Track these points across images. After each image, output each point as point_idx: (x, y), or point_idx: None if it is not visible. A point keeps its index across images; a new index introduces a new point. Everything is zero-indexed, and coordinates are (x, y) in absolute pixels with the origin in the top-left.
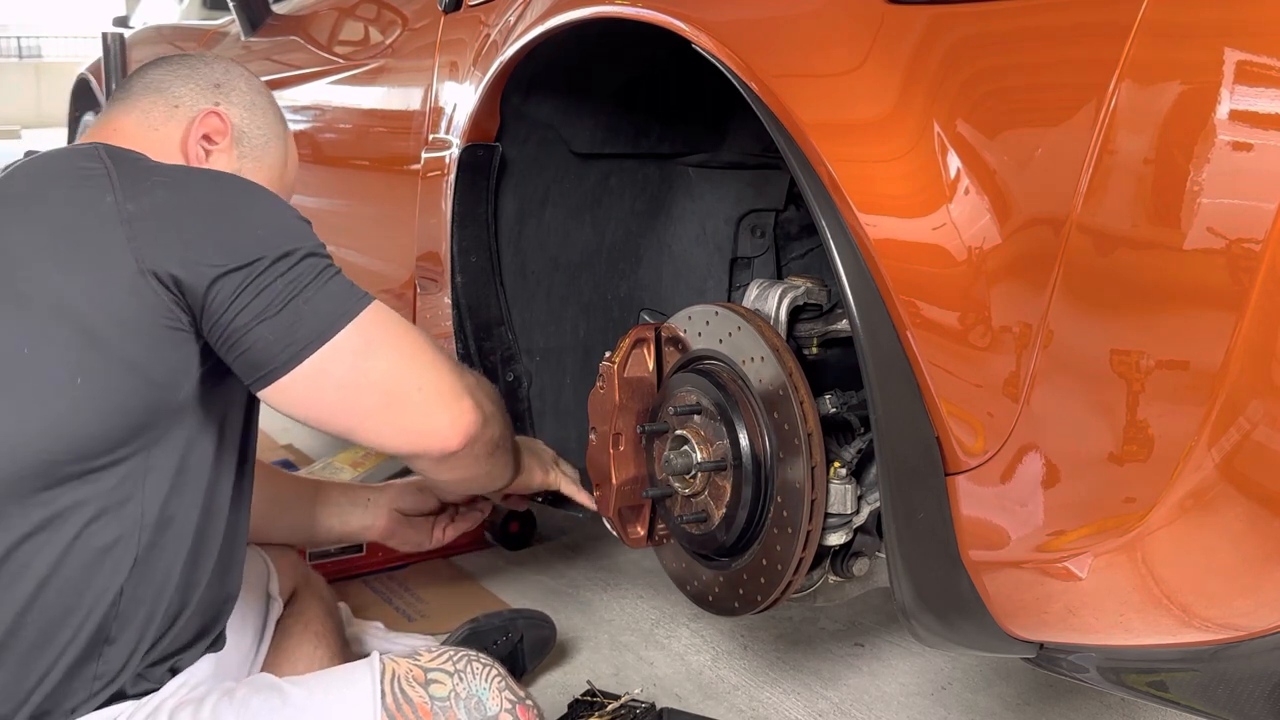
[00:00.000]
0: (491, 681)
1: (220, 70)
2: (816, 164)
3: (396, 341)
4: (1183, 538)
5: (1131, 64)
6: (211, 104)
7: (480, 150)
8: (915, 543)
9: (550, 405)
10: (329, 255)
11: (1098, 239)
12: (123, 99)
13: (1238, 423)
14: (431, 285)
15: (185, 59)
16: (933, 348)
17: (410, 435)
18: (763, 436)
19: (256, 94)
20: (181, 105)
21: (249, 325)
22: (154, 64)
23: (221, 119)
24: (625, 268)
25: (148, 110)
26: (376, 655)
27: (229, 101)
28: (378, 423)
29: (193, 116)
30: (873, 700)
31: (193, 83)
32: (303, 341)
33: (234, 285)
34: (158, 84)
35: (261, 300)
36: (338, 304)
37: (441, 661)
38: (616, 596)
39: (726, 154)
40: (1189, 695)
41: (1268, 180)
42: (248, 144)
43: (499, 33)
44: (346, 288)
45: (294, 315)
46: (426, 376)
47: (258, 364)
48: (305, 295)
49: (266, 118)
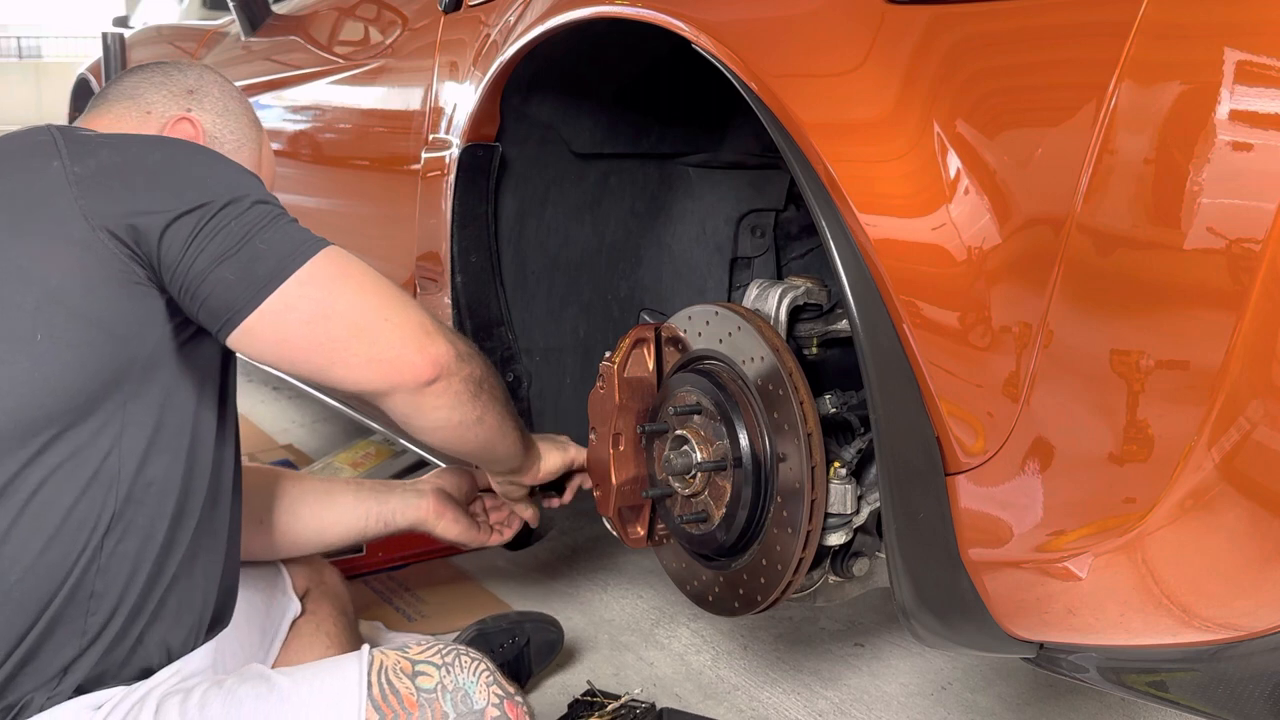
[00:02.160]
0: (480, 676)
1: (194, 77)
2: (816, 164)
3: (359, 277)
4: (1183, 538)
5: (1131, 64)
6: (183, 110)
7: (480, 150)
8: (915, 543)
9: (550, 405)
10: (281, 206)
11: (1098, 239)
12: (96, 105)
13: (1238, 423)
14: (431, 285)
15: (161, 66)
16: (933, 347)
17: (381, 366)
18: (763, 436)
19: (229, 99)
20: (153, 111)
21: (208, 269)
22: (130, 71)
23: (193, 125)
24: (625, 268)
25: (120, 116)
26: (366, 647)
27: (201, 107)
28: (347, 355)
29: (164, 123)
30: (873, 700)
31: (165, 89)
32: (264, 278)
33: (186, 231)
34: (131, 91)
35: (217, 242)
36: (295, 242)
37: (430, 654)
38: (616, 596)
39: (726, 154)
40: (1189, 695)
41: (1268, 180)
42: (219, 149)
43: (499, 33)
44: (300, 231)
45: (252, 253)
46: (393, 309)
47: (221, 308)
48: (261, 235)
49: (239, 122)
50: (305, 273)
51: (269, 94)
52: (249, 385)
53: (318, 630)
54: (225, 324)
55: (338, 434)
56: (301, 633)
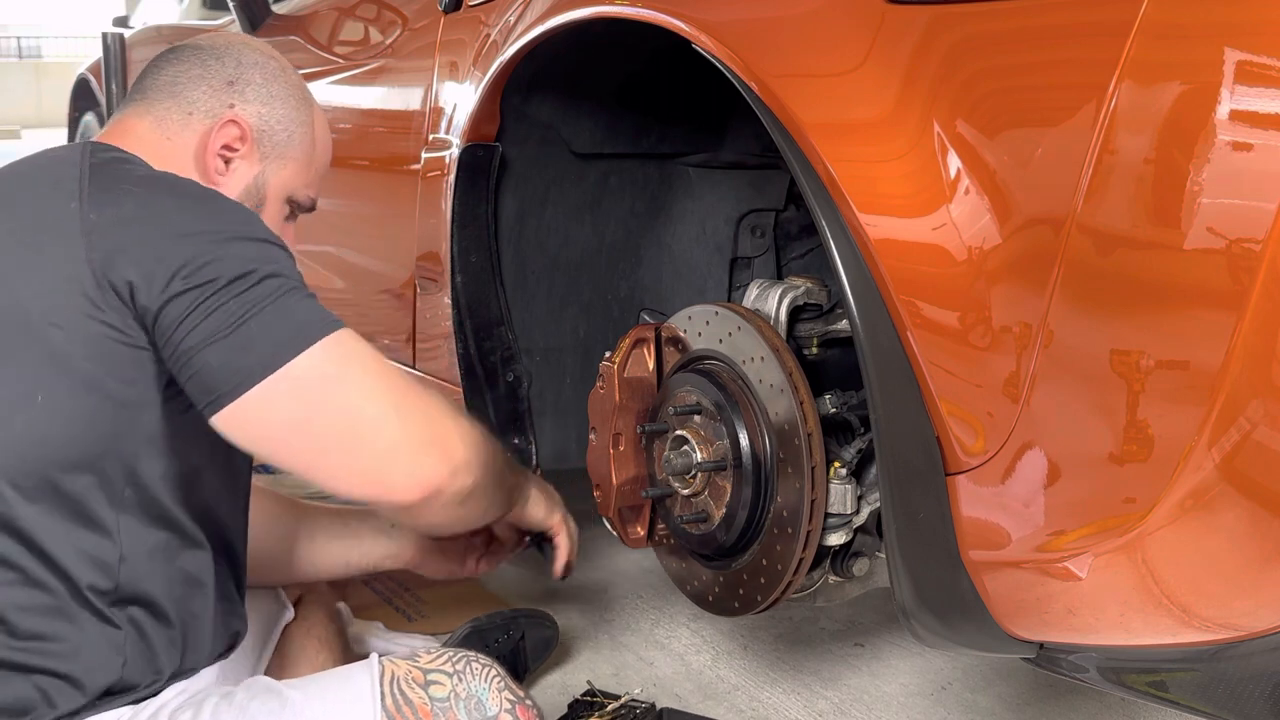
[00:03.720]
0: (491, 682)
1: (233, 63)
2: (816, 164)
3: (358, 376)
4: (1183, 538)
5: (1131, 64)
6: (226, 106)
7: (480, 150)
8: (915, 543)
9: (550, 405)
10: (298, 277)
11: (1098, 239)
12: (139, 99)
13: (1238, 423)
14: (431, 285)
15: (198, 53)
16: (933, 347)
17: (364, 482)
18: (763, 436)
19: (273, 82)
20: (195, 111)
21: (197, 348)
22: (168, 59)
23: (239, 125)
24: (625, 268)
25: (162, 117)
26: (375, 657)
27: (244, 99)
28: (328, 463)
29: (208, 126)
30: (873, 700)
31: (205, 83)
32: (249, 369)
33: (185, 305)
34: (171, 85)
35: (212, 322)
36: (294, 329)
37: (441, 662)
38: (616, 596)
39: (726, 154)
40: (1189, 695)
41: (1268, 180)
42: (269, 142)
43: (499, 33)
44: (307, 312)
45: (243, 339)
46: (387, 418)
47: (205, 389)
48: (259, 318)
49: (286, 107)
50: (298, 366)
51: None
52: None
53: (308, 635)
54: (207, 405)
55: None
56: (293, 637)
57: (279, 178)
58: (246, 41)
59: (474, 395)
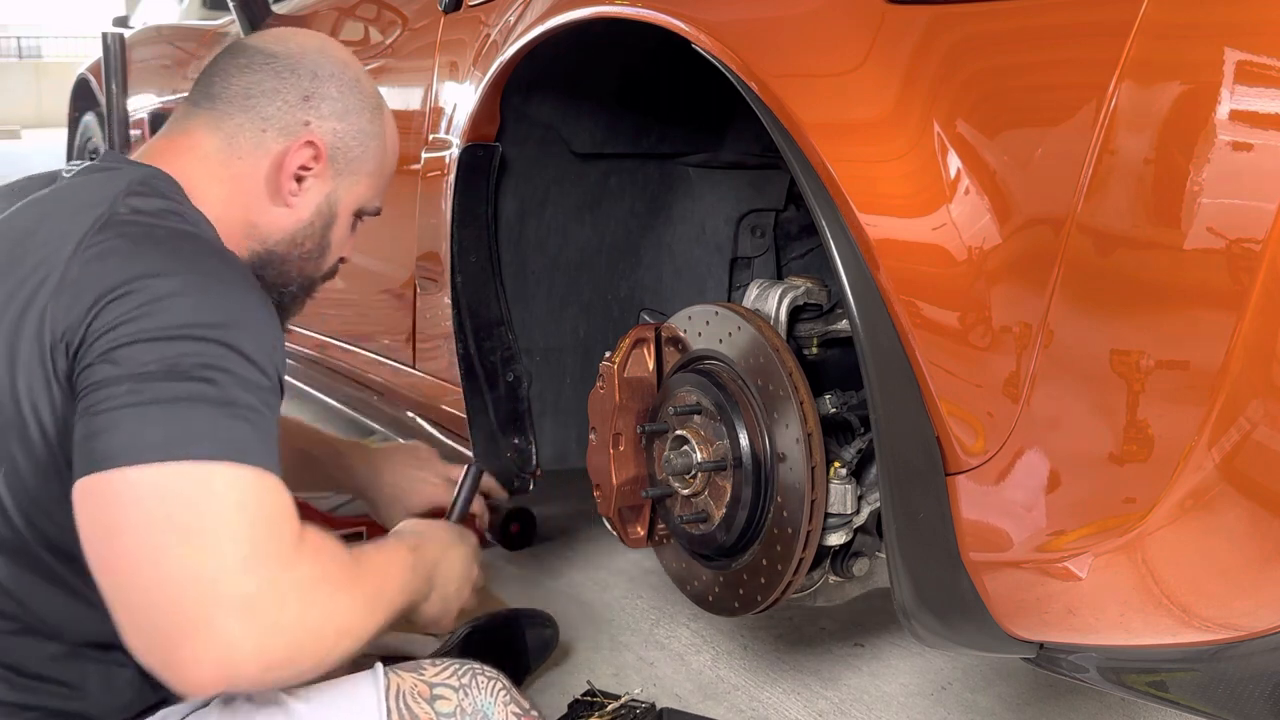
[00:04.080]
0: (497, 695)
1: (308, 76)
2: (817, 164)
3: (196, 520)
4: (1183, 538)
5: (1131, 64)
6: (301, 124)
7: (480, 150)
8: (915, 543)
9: (550, 405)
10: (265, 405)
11: (1098, 239)
12: (208, 108)
13: (1238, 423)
14: (431, 285)
15: (272, 61)
16: (933, 348)
17: (147, 648)
18: (763, 436)
19: (348, 94)
20: (269, 128)
21: (77, 415)
22: (241, 65)
23: (315, 144)
24: (625, 268)
25: (234, 134)
26: (380, 668)
27: (319, 115)
28: (117, 600)
29: (284, 145)
30: (873, 700)
31: (281, 98)
32: (88, 456)
33: (98, 377)
34: (245, 98)
35: (99, 395)
36: (162, 436)
37: (446, 676)
38: (617, 596)
39: (726, 154)
40: (1189, 695)
41: (1268, 180)
42: (343, 158)
43: (499, 33)
44: (207, 425)
45: (106, 423)
46: (202, 580)
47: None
48: (141, 410)
49: (361, 120)
50: (131, 475)
51: None
52: None
53: None
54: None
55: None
56: None
57: (351, 194)
58: (321, 47)
59: (474, 395)
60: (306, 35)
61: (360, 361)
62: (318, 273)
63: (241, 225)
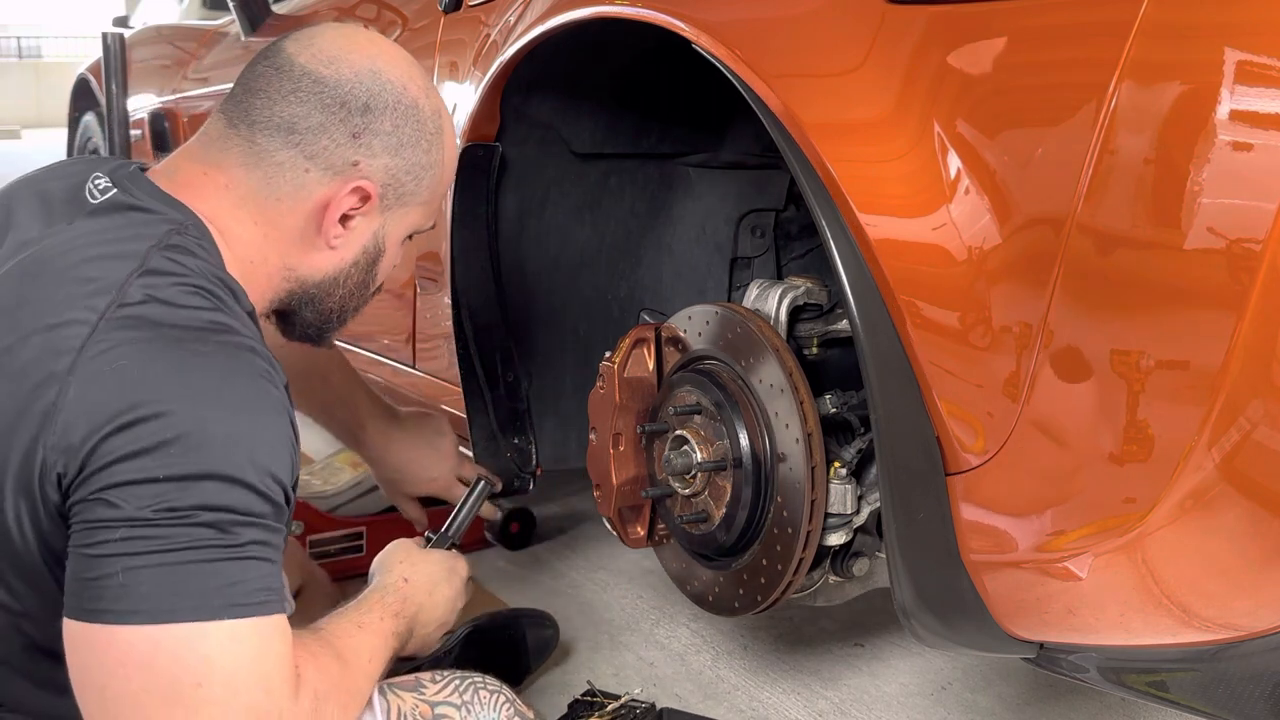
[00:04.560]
0: (500, 709)
1: (360, 109)
2: (817, 164)
3: (187, 689)
4: (1183, 538)
5: (1131, 64)
6: (350, 164)
7: (480, 150)
8: (915, 543)
9: (550, 405)
10: (269, 531)
11: (1098, 239)
12: (246, 135)
13: (1238, 423)
14: (431, 285)
15: (320, 89)
16: (933, 348)
17: None
18: (763, 436)
19: (403, 124)
20: (314, 167)
21: (70, 545)
22: (285, 86)
23: (365, 190)
24: (625, 268)
25: (273, 174)
26: (376, 692)
27: (370, 154)
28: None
29: (329, 189)
30: (873, 700)
31: (329, 135)
32: (81, 600)
33: (93, 516)
34: (288, 128)
35: (93, 537)
36: (155, 597)
37: (448, 693)
38: (617, 596)
39: (726, 154)
40: (1189, 695)
41: (1268, 180)
42: (393, 195)
43: (499, 33)
44: (202, 582)
45: (102, 571)
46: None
47: (69, 591)
48: (132, 564)
49: (417, 151)
50: (120, 635)
51: None
52: None
53: None
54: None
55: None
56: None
57: (402, 225)
58: (376, 69)
59: (474, 395)
60: (361, 53)
61: (360, 361)
62: (360, 305)
63: (279, 270)
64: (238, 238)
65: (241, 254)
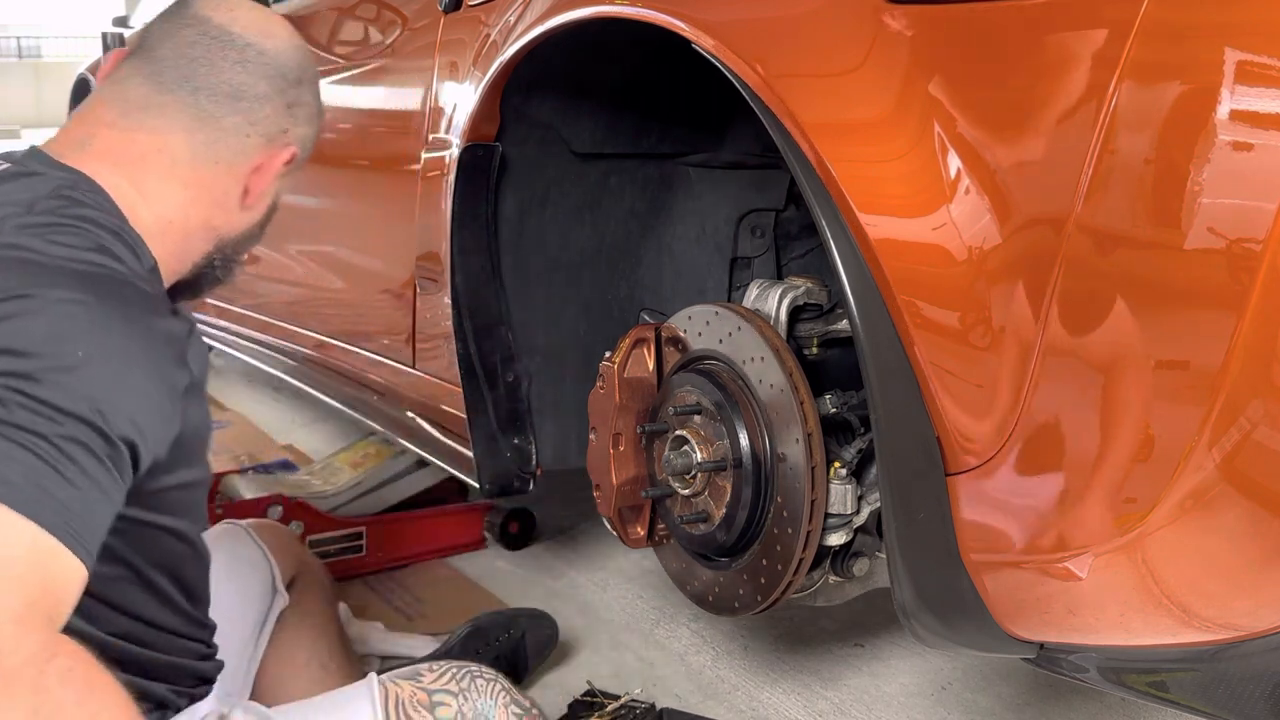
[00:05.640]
0: (497, 697)
1: (294, 81)
2: (817, 164)
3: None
4: (1183, 538)
5: (1131, 64)
6: (281, 130)
7: (480, 150)
8: (915, 543)
9: (550, 405)
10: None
11: (1098, 239)
12: (189, 100)
13: (1238, 423)
14: (431, 285)
15: (263, 60)
16: (933, 348)
17: None
18: (763, 436)
19: (316, 98)
20: (254, 133)
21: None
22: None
23: (292, 154)
24: (625, 268)
25: (219, 136)
26: (374, 679)
27: (296, 122)
28: None
29: (264, 153)
30: (873, 700)
31: (270, 104)
32: None
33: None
34: (234, 97)
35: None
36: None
37: (445, 681)
38: (616, 596)
39: (726, 154)
40: (1189, 695)
41: (1268, 180)
42: (300, 159)
43: (499, 33)
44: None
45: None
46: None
47: None
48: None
49: (318, 123)
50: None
51: None
52: (250, 386)
53: (303, 621)
54: None
55: (338, 433)
56: (288, 623)
57: (289, 184)
58: (299, 44)
59: (474, 395)
60: (281, 25)
61: (360, 361)
62: (248, 249)
63: (199, 229)
64: (160, 197)
65: (160, 212)
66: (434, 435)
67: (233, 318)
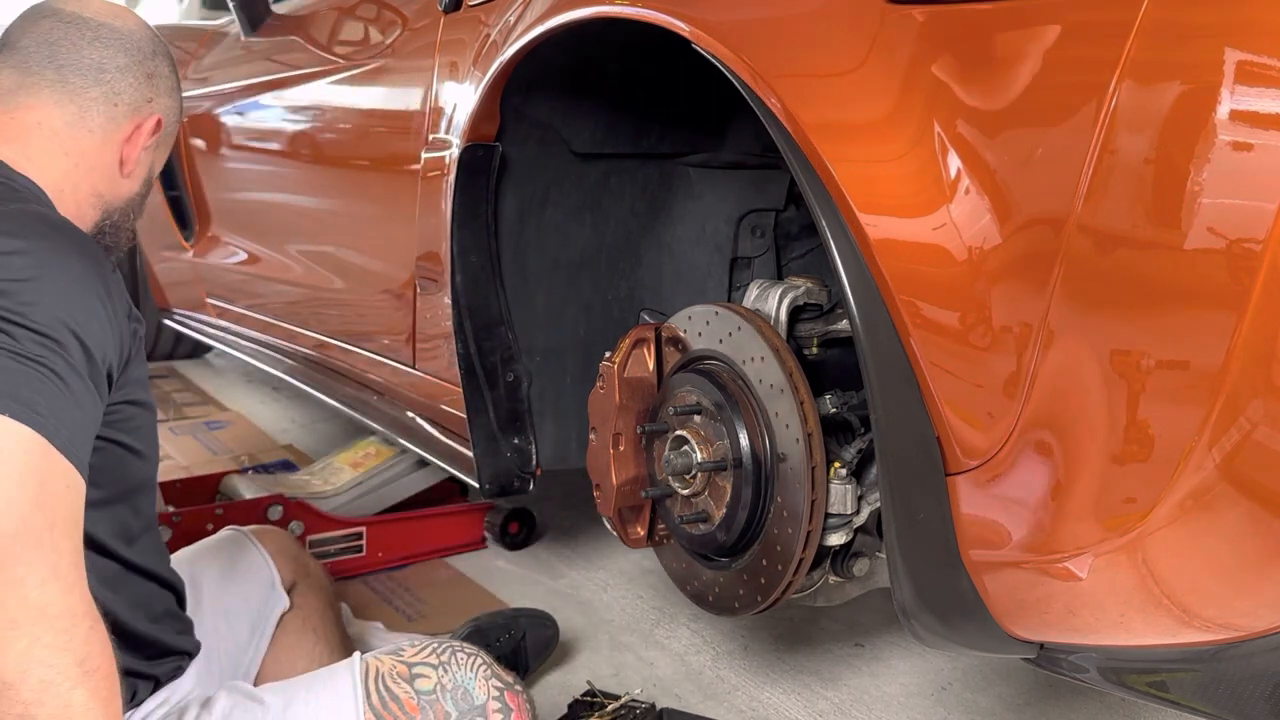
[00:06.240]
0: (477, 670)
1: (149, 53)
2: (817, 164)
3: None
4: (1183, 538)
5: (1131, 64)
6: (146, 100)
7: (480, 150)
8: (915, 543)
9: (550, 405)
10: (49, 345)
11: (1098, 239)
12: (55, 79)
13: (1238, 423)
14: (431, 285)
15: (117, 36)
16: (933, 348)
17: None
18: (763, 436)
19: (173, 71)
20: (121, 103)
21: None
22: (86, 34)
23: (159, 120)
24: (625, 268)
25: (87, 108)
26: (358, 655)
27: (158, 93)
28: None
29: (134, 122)
30: (873, 700)
31: (131, 75)
32: None
33: None
34: (98, 71)
35: None
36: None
37: (425, 655)
38: (616, 596)
39: (726, 154)
40: (1189, 695)
41: (1268, 180)
42: (167, 132)
43: (499, 33)
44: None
45: None
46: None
47: None
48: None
49: (178, 95)
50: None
51: (269, 94)
52: (249, 385)
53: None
54: None
55: (338, 433)
56: (289, 628)
57: (160, 160)
58: (144, 23)
59: (474, 395)
60: (129, 11)
61: (360, 361)
62: (135, 219)
63: (88, 197)
64: (48, 168)
65: (52, 182)
66: (434, 435)
67: (233, 318)
